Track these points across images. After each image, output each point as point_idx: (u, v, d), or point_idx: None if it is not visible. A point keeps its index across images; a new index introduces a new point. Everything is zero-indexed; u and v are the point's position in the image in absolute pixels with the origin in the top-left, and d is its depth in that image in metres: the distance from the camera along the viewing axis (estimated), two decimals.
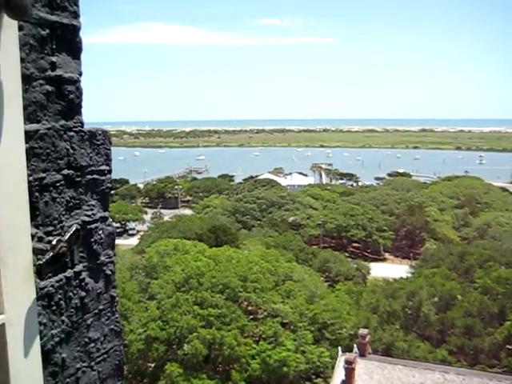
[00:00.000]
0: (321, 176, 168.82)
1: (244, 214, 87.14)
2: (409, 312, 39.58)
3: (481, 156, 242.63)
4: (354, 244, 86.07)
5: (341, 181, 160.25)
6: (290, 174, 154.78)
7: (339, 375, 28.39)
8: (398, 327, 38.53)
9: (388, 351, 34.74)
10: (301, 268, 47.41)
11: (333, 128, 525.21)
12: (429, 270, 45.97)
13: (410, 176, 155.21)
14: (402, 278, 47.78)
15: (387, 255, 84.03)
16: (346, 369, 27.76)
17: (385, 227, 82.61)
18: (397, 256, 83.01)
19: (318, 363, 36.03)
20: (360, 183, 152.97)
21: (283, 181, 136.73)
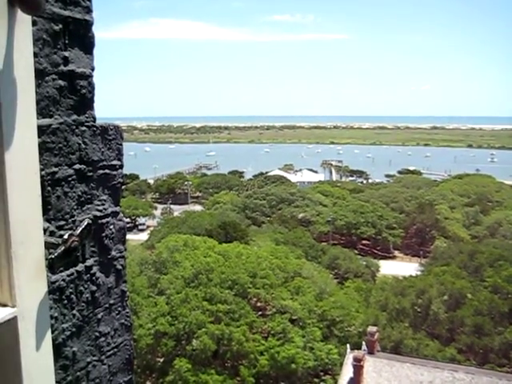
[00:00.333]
0: (331, 173, 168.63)
1: (254, 211, 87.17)
2: (418, 310, 39.43)
3: (492, 154, 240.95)
4: (364, 241, 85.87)
5: (351, 178, 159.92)
6: (300, 171, 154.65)
7: (347, 372, 28.39)
8: (407, 325, 38.40)
9: (397, 349, 34.64)
10: (310, 265, 47.37)
11: (343, 125, 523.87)
12: (439, 268, 45.74)
13: (421, 174, 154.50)
14: (412, 276, 47.59)
15: (397, 253, 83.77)
16: (355, 366, 27.77)
17: (394, 225, 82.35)
18: (406, 254, 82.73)
19: (327, 360, 36.00)
20: (370, 180, 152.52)
21: (293, 177, 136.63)
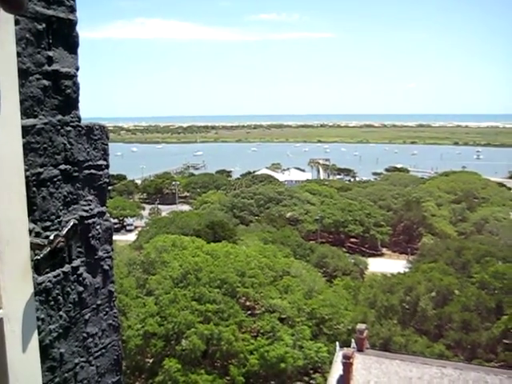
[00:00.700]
0: (318, 171, 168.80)
1: (242, 210, 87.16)
2: (406, 307, 39.64)
3: (478, 151, 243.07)
4: (352, 239, 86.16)
5: (338, 176, 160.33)
6: (288, 170, 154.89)
7: (337, 370, 28.47)
8: (396, 322, 38.60)
9: (386, 346, 34.80)
10: (298, 263, 47.44)
11: (330, 123, 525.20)
12: (426, 265, 46.02)
13: (408, 171, 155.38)
14: (400, 273, 47.83)
15: (385, 250, 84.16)
16: (344, 364, 27.84)
17: (382, 222, 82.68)
18: (394, 251, 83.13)
19: (316, 358, 36.08)
20: (357, 178, 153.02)
21: (281, 176, 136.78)
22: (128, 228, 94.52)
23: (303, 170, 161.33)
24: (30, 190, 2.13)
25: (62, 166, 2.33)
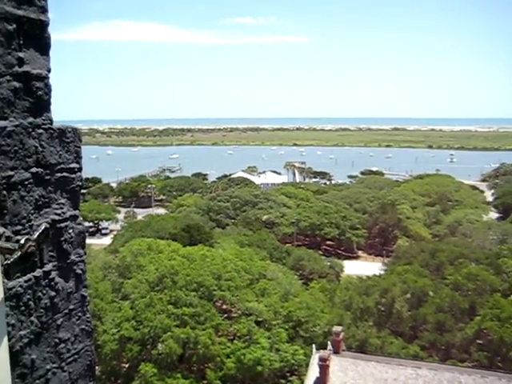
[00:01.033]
0: (294, 174, 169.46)
1: (218, 213, 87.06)
2: (382, 309, 39.91)
3: (452, 154, 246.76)
4: (328, 242, 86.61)
5: (314, 179, 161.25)
6: (264, 173, 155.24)
7: (314, 372, 28.52)
8: (372, 324, 38.84)
9: (362, 348, 34.98)
10: (275, 266, 47.51)
11: (306, 127, 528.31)
12: (401, 267, 46.41)
13: (383, 174, 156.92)
14: (375, 275, 48.16)
15: (360, 253, 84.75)
16: (321, 366, 27.90)
17: (358, 225, 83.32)
18: (370, 253, 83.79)
19: (293, 361, 36.13)
20: (333, 181, 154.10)
21: (257, 179, 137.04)
22: (103, 232, 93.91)
23: (279, 173, 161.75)
24: (1, 194, 2.09)
25: (34, 169, 2.30)
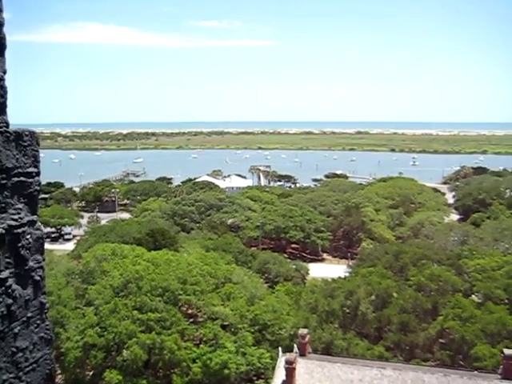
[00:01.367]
0: (259, 178, 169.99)
1: (183, 217, 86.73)
2: (347, 311, 40.25)
3: (414, 158, 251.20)
4: (293, 245, 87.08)
5: (279, 182, 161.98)
6: (229, 176, 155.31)
7: (280, 375, 28.55)
8: (337, 326, 39.12)
9: (328, 350, 35.22)
10: (240, 270, 47.51)
11: (271, 130, 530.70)
12: (366, 269, 46.91)
13: (347, 177, 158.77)
14: (340, 278, 48.54)
15: (325, 255, 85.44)
16: (287, 369, 27.94)
17: (323, 228, 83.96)
18: (335, 256, 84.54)
19: (259, 364, 36.18)
20: (298, 185, 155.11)
21: (222, 183, 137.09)
22: (66, 237, 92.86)
23: (244, 177, 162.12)
24: None
25: None
